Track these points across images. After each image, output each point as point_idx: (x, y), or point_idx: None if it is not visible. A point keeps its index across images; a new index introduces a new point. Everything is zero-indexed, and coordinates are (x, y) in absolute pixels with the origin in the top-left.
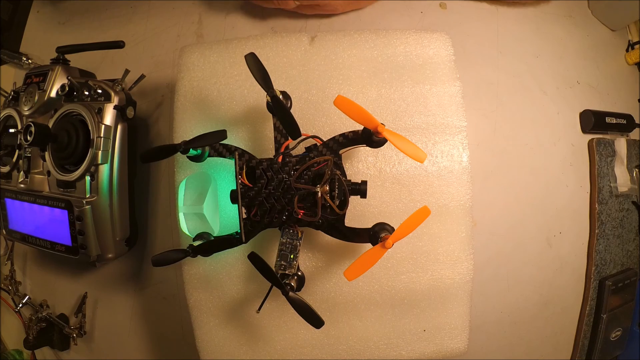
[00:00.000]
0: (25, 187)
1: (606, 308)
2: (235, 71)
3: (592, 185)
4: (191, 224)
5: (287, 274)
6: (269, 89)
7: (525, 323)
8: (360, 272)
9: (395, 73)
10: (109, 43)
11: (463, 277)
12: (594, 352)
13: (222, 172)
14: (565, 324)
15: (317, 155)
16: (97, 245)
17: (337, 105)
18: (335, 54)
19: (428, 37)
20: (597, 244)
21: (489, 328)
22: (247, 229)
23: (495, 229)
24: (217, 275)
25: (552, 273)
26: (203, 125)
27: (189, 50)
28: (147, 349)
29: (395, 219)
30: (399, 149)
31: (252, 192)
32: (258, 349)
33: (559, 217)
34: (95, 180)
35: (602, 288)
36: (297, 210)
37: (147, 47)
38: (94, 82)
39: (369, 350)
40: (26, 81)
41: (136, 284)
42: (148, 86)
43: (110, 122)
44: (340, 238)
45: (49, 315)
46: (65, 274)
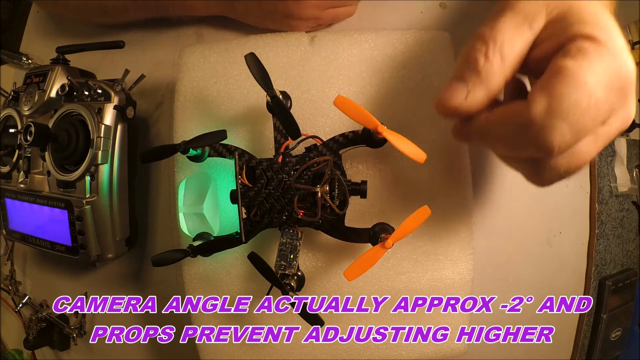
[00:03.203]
0: (25, 187)
1: (606, 308)
2: (235, 71)
3: (592, 185)
4: (191, 224)
5: (287, 274)
6: (268, 89)
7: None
8: (360, 272)
9: (395, 73)
10: (109, 43)
11: (463, 277)
12: (594, 352)
13: (222, 172)
14: (565, 324)
15: (317, 155)
16: (97, 245)
17: (337, 105)
18: (335, 54)
19: (428, 36)
20: (597, 244)
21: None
22: (247, 229)
23: (495, 229)
24: (217, 275)
25: (552, 273)
26: (203, 125)
27: (189, 50)
28: (147, 349)
29: (395, 219)
30: (399, 149)
31: (252, 192)
32: (258, 349)
33: (559, 217)
34: (95, 180)
35: (602, 288)
36: (297, 210)
37: (147, 47)
38: (94, 82)
39: (369, 350)
40: (26, 81)
41: (136, 284)
42: (148, 86)
43: (110, 122)
44: (340, 238)
45: (49, 315)
46: (65, 274)
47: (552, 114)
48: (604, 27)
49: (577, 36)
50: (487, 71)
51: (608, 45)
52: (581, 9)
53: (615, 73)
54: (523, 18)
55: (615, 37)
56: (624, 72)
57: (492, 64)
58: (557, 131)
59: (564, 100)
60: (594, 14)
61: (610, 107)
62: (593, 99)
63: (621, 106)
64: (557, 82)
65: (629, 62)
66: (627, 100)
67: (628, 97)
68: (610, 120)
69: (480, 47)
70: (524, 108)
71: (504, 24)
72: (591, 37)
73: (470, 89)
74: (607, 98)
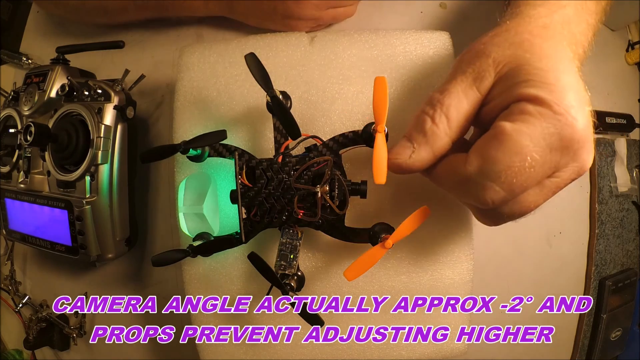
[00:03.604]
0: (25, 187)
1: (606, 308)
2: (235, 71)
3: (592, 185)
4: (191, 224)
5: (287, 274)
6: (268, 89)
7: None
8: (360, 272)
9: (395, 73)
10: (109, 43)
11: (463, 277)
12: (594, 352)
13: (222, 172)
14: (565, 324)
15: (317, 155)
16: (97, 245)
17: (376, 83)
18: (335, 54)
19: (428, 36)
20: (597, 244)
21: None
22: (247, 229)
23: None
24: (217, 275)
25: (552, 273)
26: (203, 125)
27: (189, 50)
28: (147, 349)
29: (395, 219)
30: (373, 157)
31: (252, 192)
32: (258, 349)
33: (559, 217)
34: (95, 180)
35: (602, 288)
36: (297, 210)
37: (147, 47)
38: (94, 82)
39: (369, 350)
40: (26, 81)
41: (136, 284)
42: (148, 86)
43: (110, 122)
44: (340, 238)
45: (49, 315)
46: (65, 274)
47: (485, 175)
48: (551, 86)
49: (521, 97)
50: (433, 132)
51: (552, 107)
52: (531, 65)
53: (557, 135)
54: (472, 79)
55: (563, 96)
56: (570, 132)
57: (438, 126)
58: (489, 190)
59: (497, 163)
60: (544, 71)
61: (553, 165)
62: (528, 162)
63: (571, 161)
64: (492, 145)
65: (576, 122)
66: (577, 154)
67: (577, 152)
68: (558, 173)
69: (428, 111)
70: (459, 165)
71: (452, 87)
72: (535, 98)
73: (415, 148)
74: (547, 158)
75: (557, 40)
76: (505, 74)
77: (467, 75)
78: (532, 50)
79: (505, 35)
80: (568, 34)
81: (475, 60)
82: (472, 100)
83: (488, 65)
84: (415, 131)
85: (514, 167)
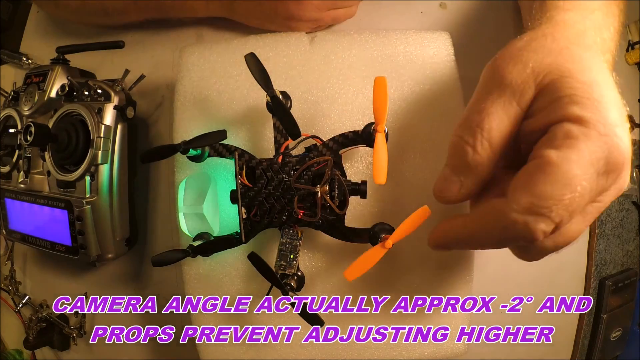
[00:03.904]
0: (25, 187)
1: (606, 308)
2: (235, 71)
3: None
4: (191, 224)
5: (287, 274)
6: (269, 89)
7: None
8: (360, 272)
9: (395, 73)
10: (109, 43)
11: (463, 277)
12: (594, 352)
13: (222, 172)
14: (565, 324)
15: (317, 155)
16: (97, 245)
17: (376, 83)
18: (335, 54)
19: (428, 36)
20: (597, 244)
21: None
22: (247, 229)
23: None
24: (217, 275)
25: (552, 273)
26: (203, 125)
27: (189, 50)
28: (147, 349)
29: (395, 219)
30: (374, 157)
31: (252, 192)
32: (258, 349)
33: None
34: (95, 180)
35: (602, 288)
36: (297, 210)
37: (147, 47)
38: (94, 82)
39: (369, 350)
40: (26, 81)
41: (136, 284)
42: (148, 86)
43: (110, 122)
44: (340, 238)
45: (49, 315)
46: (65, 274)
47: (534, 212)
48: (595, 102)
49: (565, 118)
50: (477, 163)
51: (598, 127)
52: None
53: (604, 159)
54: (511, 94)
55: (608, 114)
56: (615, 154)
57: (482, 155)
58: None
59: (547, 198)
60: (587, 85)
61: (600, 190)
62: (578, 191)
63: (613, 183)
64: (539, 179)
65: (621, 141)
66: (620, 176)
67: (621, 174)
68: (600, 198)
69: (468, 139)
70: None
71: (491, 106)
72: (580, 119)
73: (462, 181)
74: (594, 185)
75: (595, 50)
76: (546, 85)
77: (504, 89)
78: (573, 60)
79: (542, 41)
80: (601, 41)
81: (511, 69)
82: (514, 117)
83: (527, 76)
84: (459, 163)
85: (564, 200)
